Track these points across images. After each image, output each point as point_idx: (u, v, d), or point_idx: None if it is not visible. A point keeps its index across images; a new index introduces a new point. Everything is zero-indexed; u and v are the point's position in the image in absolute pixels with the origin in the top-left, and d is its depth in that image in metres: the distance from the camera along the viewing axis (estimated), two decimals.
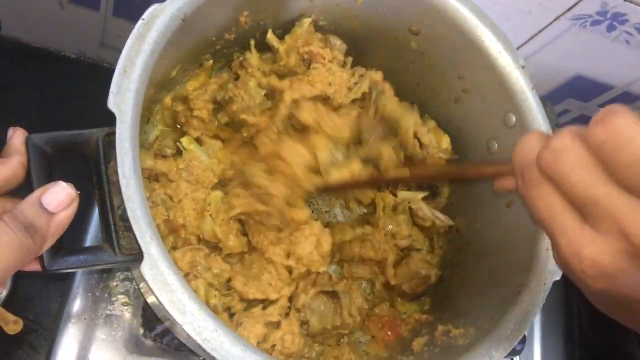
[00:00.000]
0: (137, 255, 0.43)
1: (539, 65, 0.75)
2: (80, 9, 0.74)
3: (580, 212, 0.32)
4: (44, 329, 0.64)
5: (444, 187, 0.71)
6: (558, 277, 0.54)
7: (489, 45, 0.59)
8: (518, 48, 0.74)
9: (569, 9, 0.68)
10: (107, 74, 0.45)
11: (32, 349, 0.63)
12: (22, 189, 0.45)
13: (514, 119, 0.59)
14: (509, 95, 0.59)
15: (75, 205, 0.43)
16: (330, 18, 0.64)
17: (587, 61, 0.78)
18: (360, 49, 0.68)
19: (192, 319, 0.43)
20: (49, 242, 0.42)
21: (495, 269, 0.61)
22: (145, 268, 0.42)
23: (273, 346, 0.57)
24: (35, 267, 0.44)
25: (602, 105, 0.88)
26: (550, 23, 0.70)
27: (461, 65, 0.62)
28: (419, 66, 0.66)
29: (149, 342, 0.64)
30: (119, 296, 0.65)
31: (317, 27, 0.65)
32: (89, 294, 0.64)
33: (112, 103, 0.44)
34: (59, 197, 0.42)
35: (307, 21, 0.63)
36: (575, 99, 0.87)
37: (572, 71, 0.80)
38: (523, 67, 0.59)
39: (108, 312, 0.64)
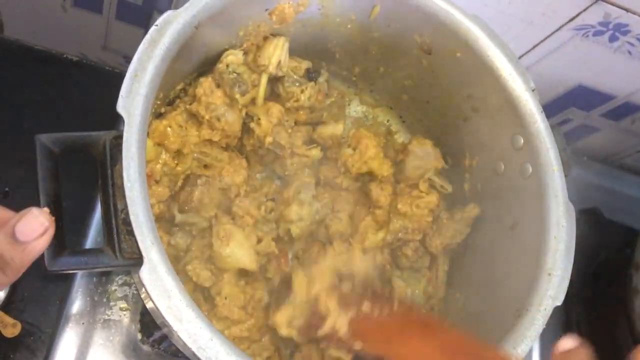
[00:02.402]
0: (138, 260, 0.43)
1: (540, 74, 0.75)
2: (83, 12, 0.75)
3: None
4: (42, 333, 0.63)
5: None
6: (559, 303, 0.54)
7: (499, 66, 0.59)
8: (520, 57, 0.74)
9: (572, 19, 0.68)
10: (108, 77, 0.45)
11: (30, 353, 0.63)
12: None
13: (522, 141, 0.59)
14: (518, 117, 0.59)
15: (49, 234, 0.40)
16: (344, 34, 0.64)
17: (589, 71, 0.78)
18: (372, 66, 0.69)
19: (188, 326, 0.42)
20: (20, 272, 0.40)
21: (496, 291, 0.60)
22: (145, 273, 0.42)
23: None
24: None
25: (604, 115, 0.88)
26: (553, 33, 0.71)
27: (471, 85, 0.62)
28: (429, 84, 0.66)
29: (146, 348, 0.64)
30: (117, 301, 0.65)
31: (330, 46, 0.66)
32: (88, 299, 0.64)
33: (121, 106, 0.44)
34: (31, 226, 0.39)
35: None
36: (577, 108, 0.87)
37: (574, 81, 0.81)
38: (533, 90, 0.59)
39: (106, 316, 0.64)
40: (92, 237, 0.65)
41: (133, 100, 0.45)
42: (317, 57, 0.68)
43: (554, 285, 0.53)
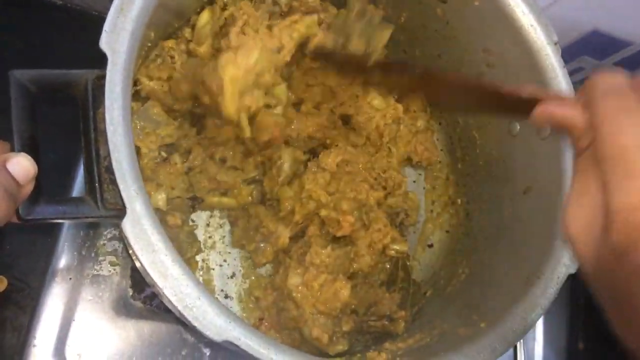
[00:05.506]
0: (121, 211, 0.39)
1: (554, 19, 0.69)
2: None
3: None
4: (29, 288, 0.61)
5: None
6: (573, 271, 0.50)
7: (520, 17, 0.55)
8: None
9: None
10: (94, 22, 0.41)
11: (18, 308, 0.61)
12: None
13: None
14: (538, 72, 0.54)
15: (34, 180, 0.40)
16: None
17: (606, 15, 0.72)
18: (384, 15, 0.64)
19: (174, 283, 0.39)
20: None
21: (509, 258, 0.57)
22: (127, 225, 0.39)
23: None
24: None
25: (617, 63, 0.82)
26: None
27: (488, 38, 0.58)
28: (442, 36, 0.62)
29: (138, 304, 0.61)
30: (106, 256, 0.62)
31: None
32: (75, 253, 0.61)
33: (104, 42, 0.41)
34: (29, 170, 0.39)
35: None
36: (590, 56, 0.82)
37: (590, 25, 0.74)
38: (556, 44, 0.55)
39: (95, 272, 0.61)
40: (78, 188, 0.61)
41: (118, 36, 0.41)
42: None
43: (568, 252, 0.50)
